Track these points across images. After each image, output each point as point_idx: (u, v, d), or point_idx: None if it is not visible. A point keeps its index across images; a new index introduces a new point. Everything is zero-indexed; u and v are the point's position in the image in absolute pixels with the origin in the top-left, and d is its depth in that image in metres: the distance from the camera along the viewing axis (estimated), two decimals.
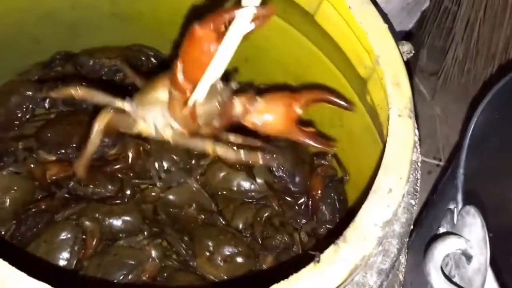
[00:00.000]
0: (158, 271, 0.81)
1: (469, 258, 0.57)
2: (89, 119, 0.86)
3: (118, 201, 0.84)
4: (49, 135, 0.84)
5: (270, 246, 0.84)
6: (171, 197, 0.86)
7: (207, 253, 0.82)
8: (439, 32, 1.47)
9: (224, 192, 0.90)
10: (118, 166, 0.86)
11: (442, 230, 0.65)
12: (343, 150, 0.85)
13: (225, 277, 0.81)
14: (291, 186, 0.88)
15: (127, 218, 0.85)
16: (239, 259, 0.82)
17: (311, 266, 0.47)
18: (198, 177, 0.90)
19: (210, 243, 0.83)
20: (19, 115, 0.85)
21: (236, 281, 0.78)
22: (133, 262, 0.80)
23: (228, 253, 0.82)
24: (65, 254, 0.79)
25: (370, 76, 0.64)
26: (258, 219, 0.88)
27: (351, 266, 0.47)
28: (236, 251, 0.82)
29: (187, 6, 0.88)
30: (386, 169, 0.52)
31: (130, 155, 0.86)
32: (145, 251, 0.81)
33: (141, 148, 0.87)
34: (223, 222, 0.88)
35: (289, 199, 0.88)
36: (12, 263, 0.44)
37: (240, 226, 0.89)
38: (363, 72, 0.65)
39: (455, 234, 0.57)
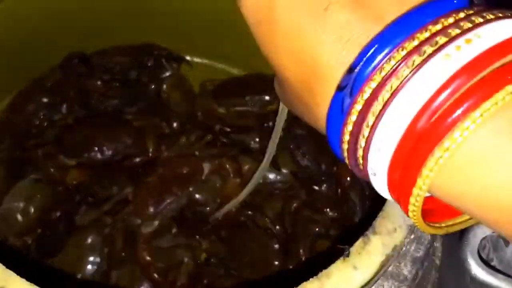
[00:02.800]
0: (195, 270, 0.80)
1: (506, 240, 0.55)
2: (108, 120, 0.86)
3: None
4: (69, 140, 0.83)
5: (301, 237, 0.83)
6: (196, 195, 0.85)
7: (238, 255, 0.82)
8: None
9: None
10: (138, 160, 0.85)
11: None
12: None
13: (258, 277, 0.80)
14: (317, 174, 0.86)
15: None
16: (269, 260, 0.81)
17: (340, 261, 0.45)
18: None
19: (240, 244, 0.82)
20: (37, 122, 0.85)
21: (267, 279, 0.77)
22: (166, 266, 0.79)
23: (255, 254, 0.81)
24: (96, 258, 0.79)
25: None
26: (287, 210, 0.87)
27: (383, 257, 0.46)
28: (265, 252, 0.81)
29: (199, 4, 0.87)
30: None
31: (150, 148, 0.85)
32: (177, 254, 0.81)
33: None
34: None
35: (316, 188, 0.86)
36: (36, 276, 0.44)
37: (269, 218, 0.88)
38: None
39: None
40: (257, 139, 0.89)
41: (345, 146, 0.31)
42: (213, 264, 0.82)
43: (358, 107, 0.29)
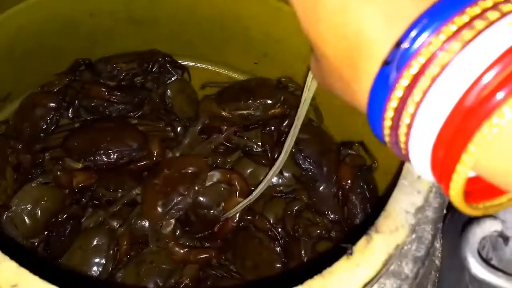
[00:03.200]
0: (199, 272, 0.82)
1: (506, 239, 0.56)
2: (114, 125, 0.87)
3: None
4: (75, 144, 0.85)
5: (303, 239, 0.84)
6: (200, 198, 0.86)
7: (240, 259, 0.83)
8: None
9: (253, 188, 0.90)
10: (143, 163, 0.86)
11: None
12: (370, 136, 0.84)
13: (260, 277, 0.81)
14: (319, 178, 0.87)
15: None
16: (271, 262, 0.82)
17: (344, 259, 0.46)
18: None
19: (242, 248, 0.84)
20: (44, 127, 0.86)
21: (271, 278, 0.78)
22: (171, 267, 0.81)
23: (257, 257, 0.83)
24: (101, 260, 0.81)
25: None
26: (289, 212, 0.88)
27: (385, 256, 0.46)
28: (267, 254, 0.83)
29: (203, 11, 0.88)
30: None
31: (155, 152, 0.86)
32: None
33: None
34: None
35: (317, 191, 0.87)
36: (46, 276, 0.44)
37: (271, 221, 0.89)
38: None
39: (490, 215, 0.56)
40: (259, 143, 0.89)
41: (388, 123, 0.30)
42: (216, 266, 0.84)
43: (404, 82, 0.28)
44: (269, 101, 0.88)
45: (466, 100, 0.26)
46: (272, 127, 0.88)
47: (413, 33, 0.28)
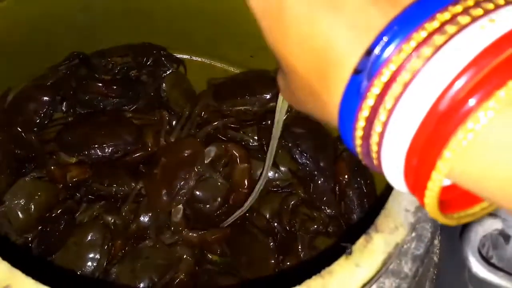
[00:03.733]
0: (195, 267, 0.81)
1: (507, 238, 0.55)
2: (108, 118, 0.86)
3: (142, 198, 0.84)
4: (69, 138, 0.83)
5: (299, 233, 0.83)
6: (196, 192, 0.85)
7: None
8: None
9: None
10: (138, 155, 0.86)
11: None
12: None
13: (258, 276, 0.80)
14: (315, 172, 0.87)
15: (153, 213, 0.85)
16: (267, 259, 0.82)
17: (343, 258, 0.45)
18: (221, 169, 0.90)
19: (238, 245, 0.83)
20: (38, 121, 0.85)
21: (268, 277, 0.78)
22: (166, 263, 0.80)
23: (252, 253, 0.82)
24: (95, 255, 0.80)
25: None
26: (285, 207, 0.87)
27: (384, 255, 0.46)
28: (263, 251, 0.82)
29: (198, 3, 0.87)
30: None
31: (149, 142, 0.86)
32: (177, 251, 0.81)
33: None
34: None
35: (314, 185, 0.87)
36: (39, 274, 0.44)
37: (267, 215, 0.88)
38: None
39: (491, 214, 0.55)
40: (256, 137, 0.89)
41: (359, 133, 0.30)
42: (213, 263, 0.83)
43: (375, 90, 0.28)
44: (265, 96, 0.87)
45: (439, 105, 0.26)
46: (269, 121, 0.88)
47: (383, 41, 0.27)
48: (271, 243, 0.83)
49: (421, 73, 0.26)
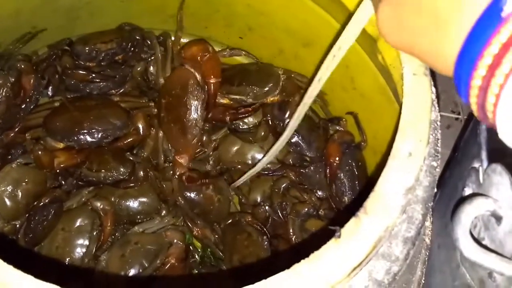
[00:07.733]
0: (185, 252, 0.81)
1: (498, 219, 0.54)
2: (96, 103, 0.84)
3: (132, 184, 0.83)
4: (57, 123, 0.82)
5: (291, 216, 0.83)
6: None
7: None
8: None
9: (239, 167, 0.89)
10: (129, 140, 0.85)
11: (467, 190, 0.62)
12: (358, 114, 0.82)
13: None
14: (307, 153, 0.86)
15: (143, 199, 0.85)
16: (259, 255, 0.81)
17: (331, 242, 0.44)
18: (211, 152, 0.89)
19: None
20: (23, 106, 0.83)
21: (259, 262, 0.77)
22: (156, 248, 0.80)
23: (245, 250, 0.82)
24: (84, 241, 0.79)
25: None
26: (276, 190, 0.87)
27: (374, 238, 0.45)
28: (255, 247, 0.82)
29: None
30: (404, 131, 0.49)
31: (140, 126, 0.84)
32: (166, 236, 0.81)
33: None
34: (243, 200, 0.89)
35: (305, 168, 0.86)
36: (28, 264, 0.43)
37: (258, 199, 0.88)
38: (372, 31, 0.62)
39: (482, 195, 0.54)
40: (246, 120, 0.87)
41: (482, 71, 0.28)
42: (206, 256, 0.83)
43: (502, 38, 0.26)
44: (259, 89, 0.84)
45: None
46: (268, 115, 0.86)
47: None
48: (266, 243, 0.82)
49: None
